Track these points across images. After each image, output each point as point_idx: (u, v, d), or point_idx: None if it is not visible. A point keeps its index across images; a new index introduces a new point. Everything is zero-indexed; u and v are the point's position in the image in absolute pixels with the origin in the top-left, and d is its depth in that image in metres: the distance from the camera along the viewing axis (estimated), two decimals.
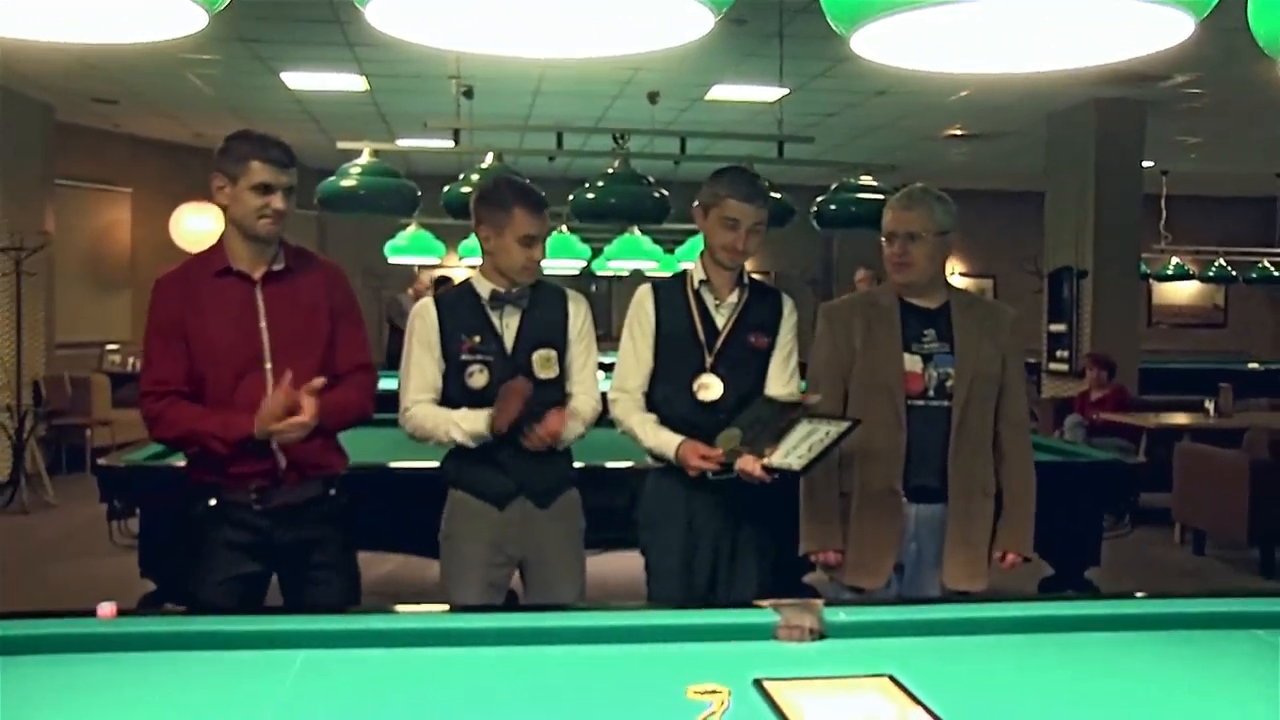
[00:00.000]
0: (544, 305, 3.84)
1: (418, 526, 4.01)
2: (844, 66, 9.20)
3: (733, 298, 3.88)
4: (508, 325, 3.77)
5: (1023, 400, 3.88)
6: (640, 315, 3.88)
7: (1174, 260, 15.93)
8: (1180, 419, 9.68)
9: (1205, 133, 12.46)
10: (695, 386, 3.80)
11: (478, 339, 3.73)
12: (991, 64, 2.57)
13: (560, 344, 3.83)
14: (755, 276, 4.05)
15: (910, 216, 3.68)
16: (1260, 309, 18.67)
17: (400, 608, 2.85)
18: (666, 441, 3.75)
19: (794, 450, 3.50)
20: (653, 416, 3.82)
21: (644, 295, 3.90)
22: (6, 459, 10.10)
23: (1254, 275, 16.21)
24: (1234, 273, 16.18)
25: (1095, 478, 5.57)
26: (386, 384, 4.08)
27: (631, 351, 3.87)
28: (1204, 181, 15.49)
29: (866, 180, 7.32)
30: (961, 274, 17.07)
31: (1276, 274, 16.21)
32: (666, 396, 3.85)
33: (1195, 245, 16.00)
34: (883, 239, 3.73)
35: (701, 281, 3.87)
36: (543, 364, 3.77)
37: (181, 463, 4.96)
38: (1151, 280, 16.10)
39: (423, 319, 3.77)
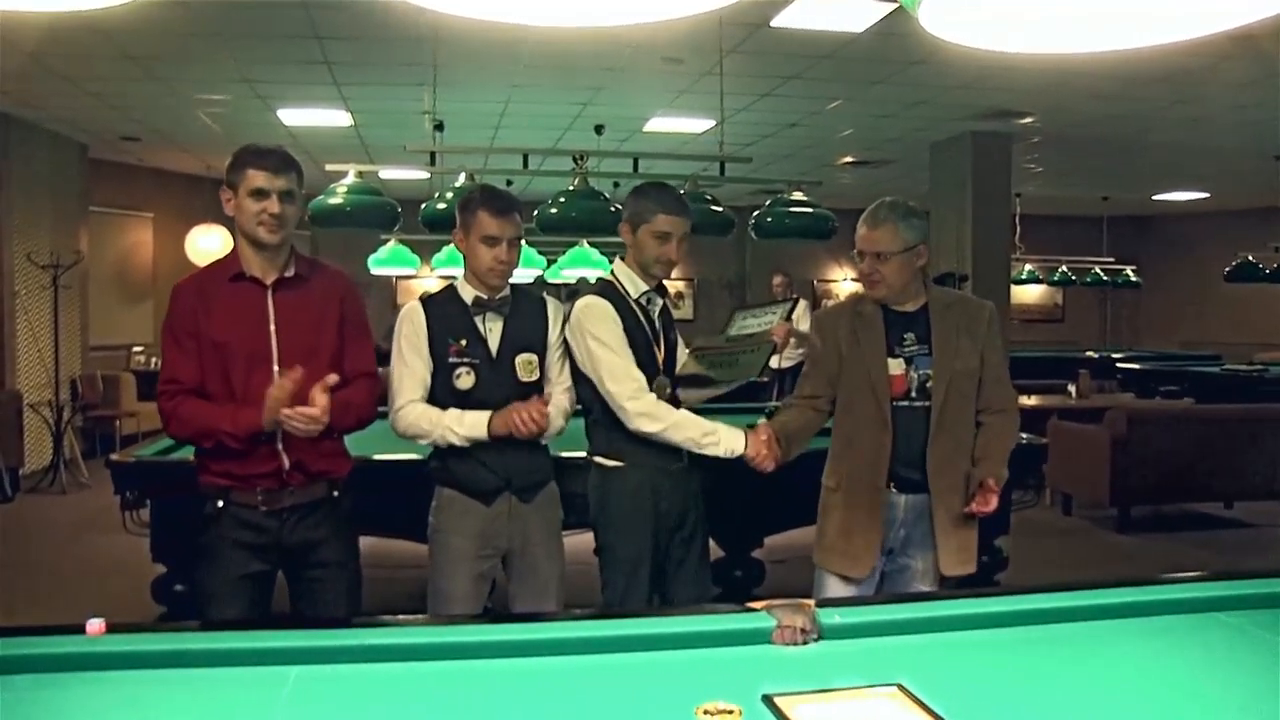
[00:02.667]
0: (525, 312, 3.32)
1: (396, 511, 3.45)
2: (763, 102, 8.84)
3: (657, 303, 3.41)
4: (491, 330, 3.25)
5: (1004, 387, 3.35)
6: (617, 327, 3.26)
7: (1027, 267, 15.78)
8: (1033, 401, 9.47)
9: (1046, 163, 12.24)
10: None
11: (464, 342, 3.22)
12: (1064, 42, 1.94)
13: (541, 349, 3.31)
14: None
15: (875, 236, 3.19)
16: (1090, 307, 18.67)
17: (383, 618, 2.30)
18: (730, 432, 3.24)
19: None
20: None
21: (610, 309, 3.28)
22: (47, 446, 9.69)
23: (1087, 280, 16.12)
24: (1072, 277, 16.07)
25: (1010, 457, 5.06)
26: None
27: (629, 357, 3.26)
28: (1048, 203, 15.32)
29: (798, 195, 6.84)
30: (853, 280, 16.77)
31: (1105, 279, 16.11)
32: None
33: (1042, 255, 15.85)
34: (854, 255, 3.27)
35: (644, 292, 3.36)
36: (525, 367, 3.26)
37: (186, 457, 4.56)
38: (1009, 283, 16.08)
39: (412, 322, 3.23)
